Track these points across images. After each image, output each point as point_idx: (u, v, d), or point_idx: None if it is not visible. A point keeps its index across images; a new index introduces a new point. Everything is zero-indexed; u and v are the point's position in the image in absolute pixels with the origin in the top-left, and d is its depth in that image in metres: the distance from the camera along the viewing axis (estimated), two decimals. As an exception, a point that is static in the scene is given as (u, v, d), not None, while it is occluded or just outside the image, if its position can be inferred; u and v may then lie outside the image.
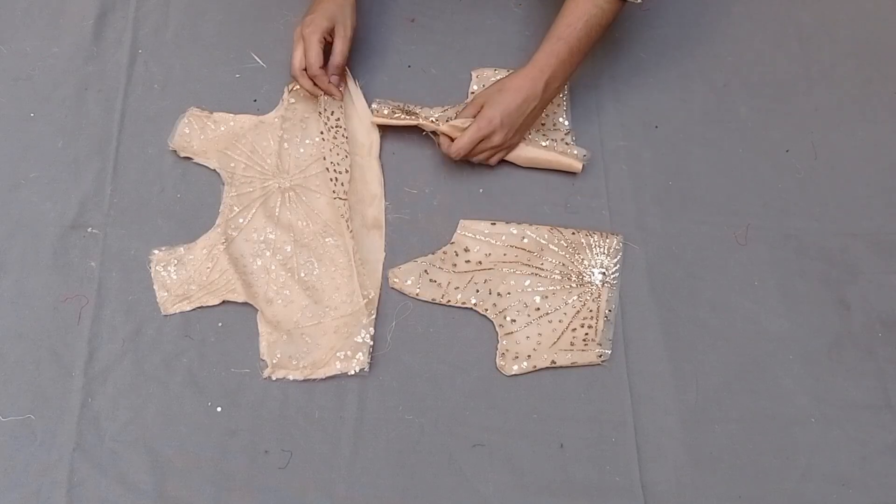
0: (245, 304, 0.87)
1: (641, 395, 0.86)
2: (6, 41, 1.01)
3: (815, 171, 1.00)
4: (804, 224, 0.96)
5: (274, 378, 0.84)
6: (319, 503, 0.79)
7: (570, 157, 0.94)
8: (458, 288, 0.89)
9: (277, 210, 0.92)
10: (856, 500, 0.83)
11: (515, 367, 0.86)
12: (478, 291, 0.89)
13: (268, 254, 0.89)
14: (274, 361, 0.84)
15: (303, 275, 0.89)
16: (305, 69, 0.92)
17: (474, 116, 0.90)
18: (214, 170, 0.94)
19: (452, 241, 0.92)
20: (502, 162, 0.96)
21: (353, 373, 0.84)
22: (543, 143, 0.94)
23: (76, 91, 0.98)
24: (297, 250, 0.90)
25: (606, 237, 0.93)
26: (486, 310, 0.88)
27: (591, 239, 0.92)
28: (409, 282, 0.89)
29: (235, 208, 0.91)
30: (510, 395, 0.85)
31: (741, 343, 0.89)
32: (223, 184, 0.93)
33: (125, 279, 0.88)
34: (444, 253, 0.91)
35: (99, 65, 1.00)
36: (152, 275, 0.88)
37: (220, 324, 0.87)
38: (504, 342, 0.87)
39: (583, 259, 0.91)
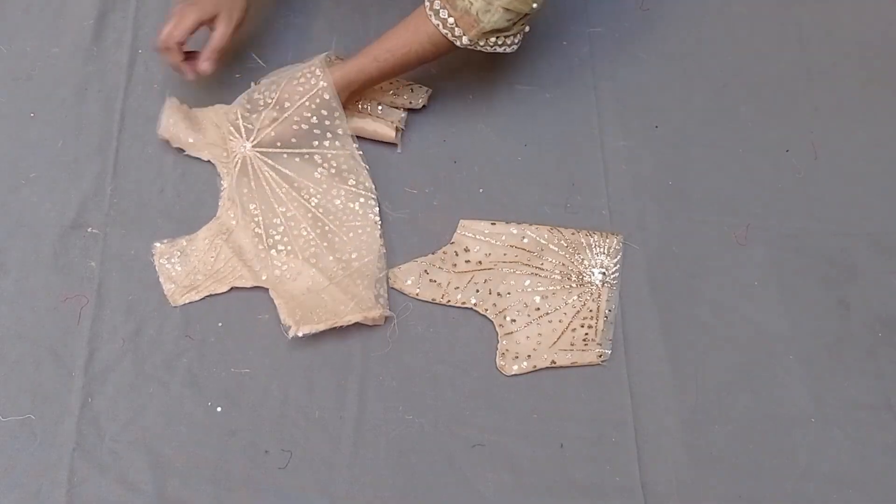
0: (245, 304, 0.87)
1: (641, 395, 0.86)
2: (6, 41, 1.01)
3: (815, 171, 1.00)
4: (804, 224, 0.96)
5: (301, 335, 0.83)
6: (319, 503, 0.79)
7: (384, 124, 0.94)
8: (458, 288, 0.89)
9: (253, 183, 0.91)
10: (856, 500, 0.83)
11: (515, 367, 0.86)
12: (478, 291, 0.89)
13: (267, 232, 0.90)
14: (297, 319, 0.84)
15: (305, 238, 0.90)
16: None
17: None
18: (209, 162, 0.94)
19: (452, 241, 0.92)
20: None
21: (372, 324, 0.85)
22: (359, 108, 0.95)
23: (76, 91, 0.98)
24: (293, 220, 0.90)
25: (606, 237, 0.93)
26: (486, 310, 0.89)
27: (591, 239, 0.92)
28: (409, 282, 0.89)
29: (229, 199, 0.91)
30: (510, 395, 0.85)
31: (741, 343, 0.89)
32: (219, 176, 0.93)
33: (125, 279, 0.88)
34: (445, 253, 0.91)
35: (99, 65, 1.00)
36: (157, 268, 0.88)
37: (220, 324, 0.87)
38: (504, 342, 0.87)
39: (583, 259, 0.91)
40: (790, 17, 1.11)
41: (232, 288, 0.87)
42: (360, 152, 0.93)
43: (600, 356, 0.87)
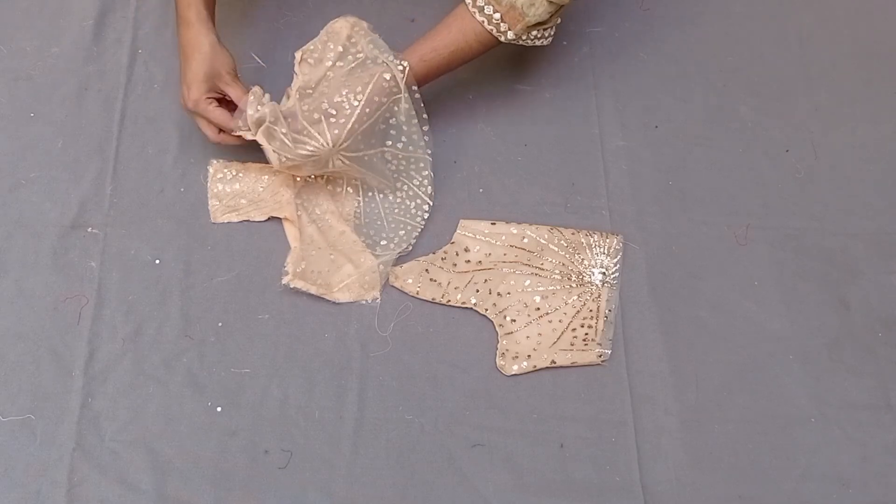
0: (245, 304, 0.87)
1: (641, 395, 0.86)
2: (6, 41, 1.01)
3: (815, 171, 1.00)
4: (804, 224, 0.96)
5: (291, 286, 0.86)
6: (319, 503, 0.79)
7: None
8: (457, 288, 0.89)
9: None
10: (856, 500, 0.83)
11: (515, 367, 0.86)
12: (478, 291, 0.89)
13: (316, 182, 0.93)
14: (298, 270, 0.87)
15: (347, 209, 0.92)
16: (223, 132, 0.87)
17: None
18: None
19: (452, 240, 0.92)
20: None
21: (364, 302, 0.88)
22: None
23: (76, 91, 0.98)
24: (352, 193, 0.93)
25: (606, 237, 0.93)
26: (486, 310, 0.89)
27: (591, 239, 0.92)
28: (409, 280, 0.89)
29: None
30: (510, 395, 0.85)
31: (741, 343, 0.89)
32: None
33: (125, 279, 0.88)
34: (445, 253, 0.91)
35: (99, 65, 1.00)
36: (208, 185, 0.92)
37: (220, 324, 0.87)
38: (504, 342, 0.87)
39: (583, 259, 0.91)
40: (790, 17, 1.11)
41: (270, 218, 0.91)
42: (430, 157, 0.93)
43: (600, 356, 0.87)
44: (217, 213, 0.92)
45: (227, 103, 0.87)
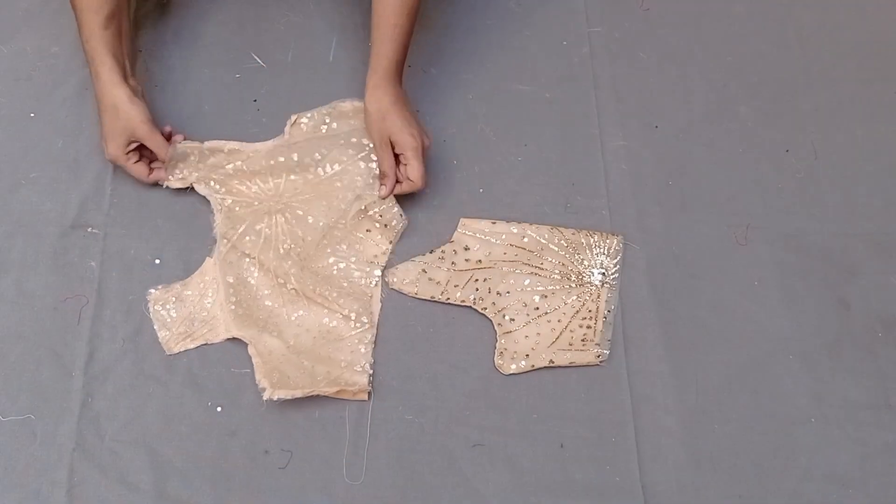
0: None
1: (641, 395, 0.86)
2: (6, 41, 1.01)
3: (815, 171, 1.00)
4: (804, 224, 0.96)
5: (276, 399, 0.80)
6: (319, 503, 0.79)
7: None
8: (457, 286, 0.89)
9: (266, 230, 0.89)
10: (856, 500, 0.83)
11: (513, 367, 0.86)
12: (477, 290, 0.89)
13: (256, 277, 0.87)
14: (273, 381, 0.81)
15: (295, 313, 0.87)
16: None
17: (394, 152, 0.90)
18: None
19: (452, 239, 0.92)
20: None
21: (352, 397, 0.83)
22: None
23: (76, 91, 0.98)
24: (286, 276, 0.88)
25: (606, 237, 0.93)
26: (485, 308, 0.89)
27: (591, 239, 0.92)
28: (406, 281, 0.89)
29: (227, 235, 0.89)
30: (510, 394, 0.85)
31: (741, 343, 0.89)
32: (212, 213, 0.90)
33: (125, 279, 0.88)
34: (443, 252, 0.91)
35: (99, 65, 1.00)
36: (151, 314, 0.85)
37: (220, 324, 0.87)
38: (503, 341, 0.87)
39: (583, 259, 0.91)
40: (790, 17, 1.11)
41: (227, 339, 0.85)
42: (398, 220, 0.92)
43: (598, 356, 0.87)
44: (170, 343, 0.84)
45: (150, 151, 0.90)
